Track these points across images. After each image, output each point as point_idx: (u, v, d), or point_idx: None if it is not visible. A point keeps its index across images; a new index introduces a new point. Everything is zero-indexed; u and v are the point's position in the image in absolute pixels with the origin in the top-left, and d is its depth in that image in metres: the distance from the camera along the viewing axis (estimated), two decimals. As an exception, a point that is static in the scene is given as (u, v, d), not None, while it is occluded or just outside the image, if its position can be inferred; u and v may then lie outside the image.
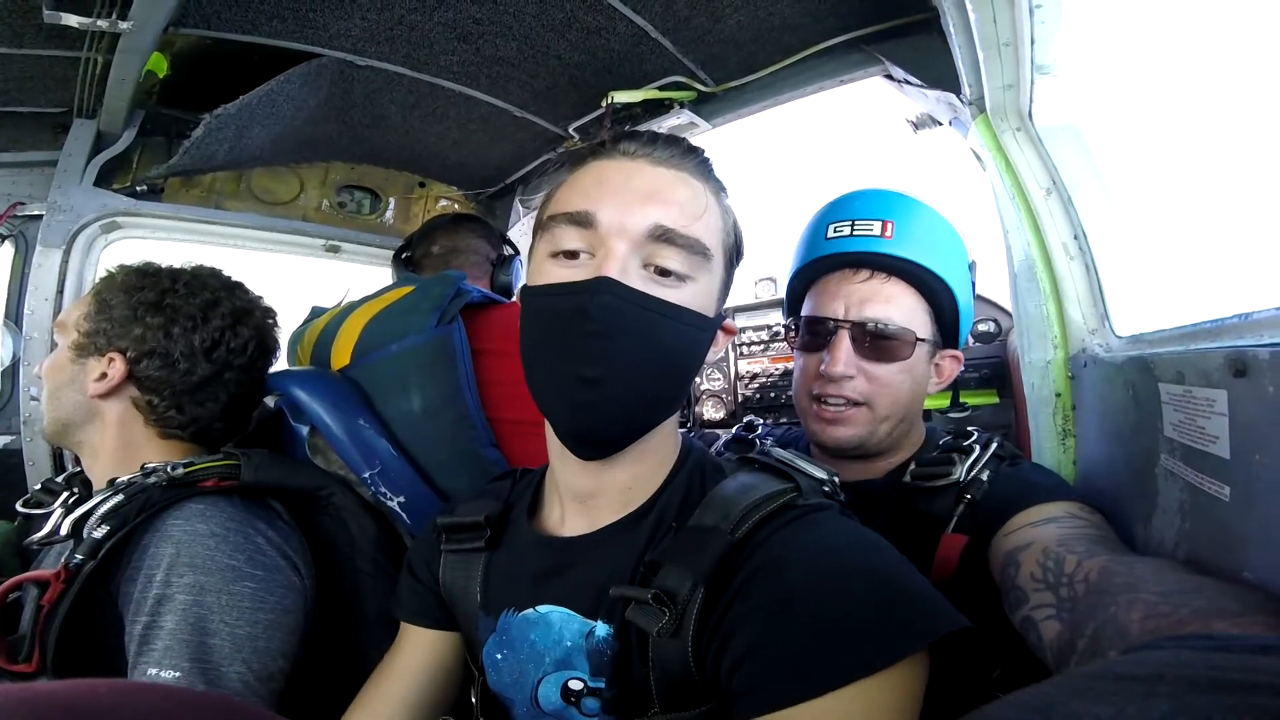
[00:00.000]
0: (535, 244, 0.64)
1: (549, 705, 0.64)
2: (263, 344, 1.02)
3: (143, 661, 0.73)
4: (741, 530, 0.56)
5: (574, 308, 0.57)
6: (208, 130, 1.36)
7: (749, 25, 1.22)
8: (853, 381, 0.87)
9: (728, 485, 0.61)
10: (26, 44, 1.21)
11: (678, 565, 0.55)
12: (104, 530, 0.77)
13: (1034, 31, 0.82)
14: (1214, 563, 0.56)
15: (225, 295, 0.98)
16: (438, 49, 1.34)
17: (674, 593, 0.53)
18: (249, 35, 1.25)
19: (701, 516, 0.59)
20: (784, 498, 0.59)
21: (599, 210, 0.58)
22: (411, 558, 0.81)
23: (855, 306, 0.88)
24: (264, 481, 0.88)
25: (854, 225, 0.90)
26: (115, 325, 0.92)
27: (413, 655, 0.75)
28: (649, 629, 0.54)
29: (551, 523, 0.71)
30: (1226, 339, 0.56)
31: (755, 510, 0.57)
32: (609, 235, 0.58)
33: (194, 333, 0.93)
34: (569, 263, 0.60)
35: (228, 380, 0.97)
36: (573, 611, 0.63)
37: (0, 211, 1.49)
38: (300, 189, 1.82)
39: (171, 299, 0.94)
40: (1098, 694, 0.28)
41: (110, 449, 0.93)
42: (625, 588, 0.58)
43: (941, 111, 1.10)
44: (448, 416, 0.95)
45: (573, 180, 0.64)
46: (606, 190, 0.60)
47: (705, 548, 0.55)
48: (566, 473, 0.67)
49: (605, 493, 0.65)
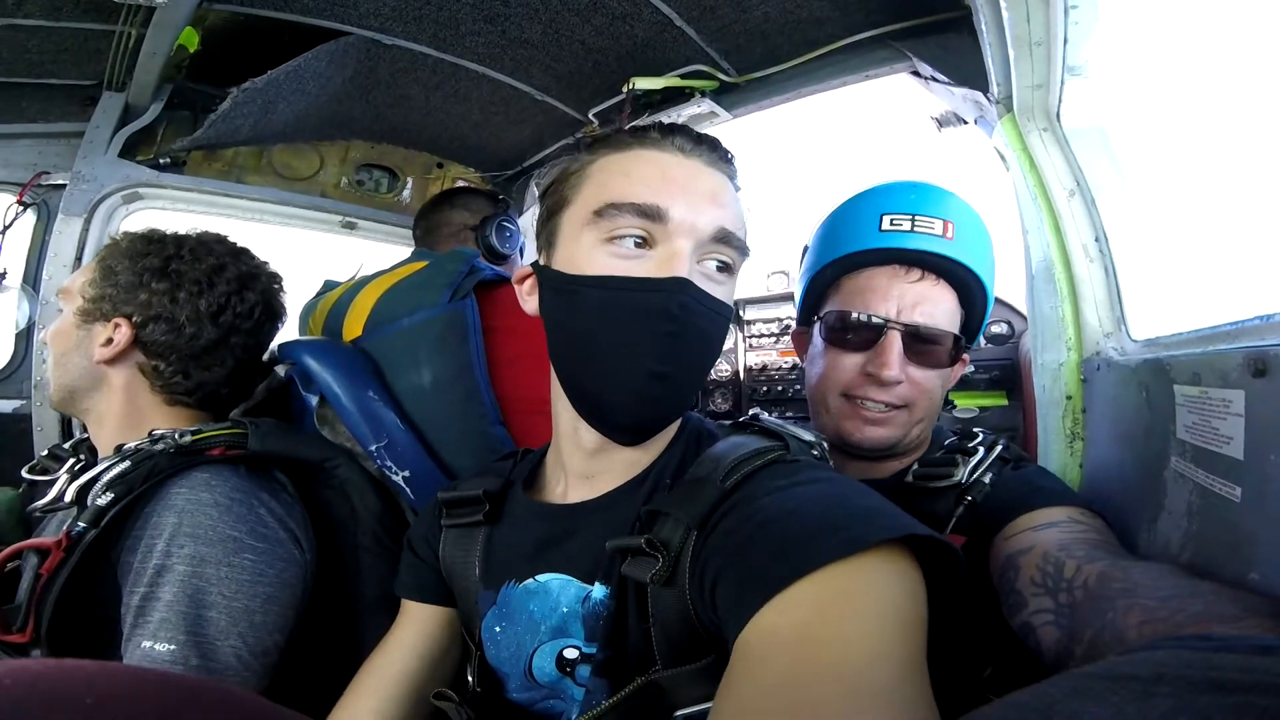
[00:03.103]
0: (579, 228, 0.62)
1: (543, 676, 0.64)
2: (269, 308, 1.01)
3: (138, 633, 0.73)
4: (731, 480, 0.57)
5: (654, 306, 0.58)
6: (234, 104, 1.37)
7: (776, 17, 1.21)
8: (900, 386, 0.85)
9: (720, 444, 0.64)
10: (64, 17, 1.23)
11: (671, 514, 0.56)
12: (108, 497, 0.76)
13: (1067, 32, 0.81)
14: (1220, 564, 0.55)
15: (231, 260, 0.98)
16: (464, 29, 1.34)
17: (667, 541, 0.55)
18: (280, 11, 1.26)
19: (695, 471, 0.61)
20: (773, 454, 0.60)
21: (671, 207, 0.59)
22: (413, 534, 0.81)
23: (908, 309, 0.86)
24: (271, 451, 0.88)
25: (915, 220, 0.86)
26: (121, 291, 0.92)
27: (412, 632, 0.76)
28: (643, 577, 0.55)
29: (553, 495, 0.72)
30: (1246, 340, 0.56)
31: (744, 463, 0.58)
32: (677, 233, 0.59)
33: (200, 297, 0.93)
34: (631, 254, 0.59)
35: (234, 345, 0.97)
36: (571, 577, 0.63)
37: (25, 181, 1.51)
38: (320, 165, 1.84)
39: (177, 264, 0.94)
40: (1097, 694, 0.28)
41: (116, 416, 0.93)
42: (619, 539, 0.58)
43: (967, 110, 1.09)
44: (457, 392, 0.95)
45: (625, 167, 0.62)
46: (674, 187, 0.60)
47: (697, 497, 0.56)
48: (575, 454, 0.67)
49: (610, 471, 0.67)
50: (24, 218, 1.54)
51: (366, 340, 1.01)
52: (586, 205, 0.62)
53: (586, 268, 0.60)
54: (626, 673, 0.57)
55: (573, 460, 0.68)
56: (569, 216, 0.64)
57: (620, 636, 0.59)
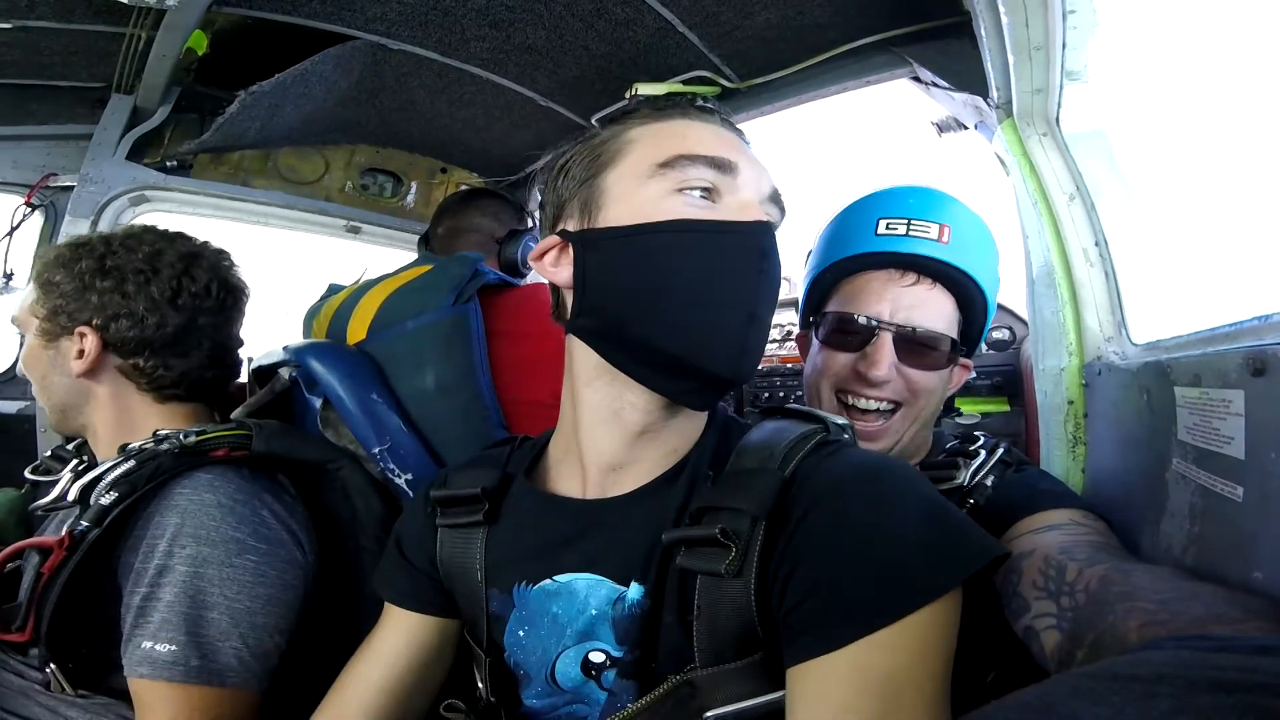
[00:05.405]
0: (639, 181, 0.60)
1: (567, 681, 0.62)
2: (226, 284, 0.99)
3: (138, 633, 0.73)
4: (789, 468, 0.56)
5: (751, 246, 0.58)
6: (242, 107, 1.38)
7: (777, 23, 1.22)
8: (890, 384, 0.86)
9: (759, 431, 0.62)
10: (75, 19, 1.24)
11: (731, 506, 0.54)
12: (112, 497, 0.76)
13: (1066, 36, 0.81)
14: (1223, 564, 0.55)
15: (166, 245, 0.96)
16: (469, 35, 1.35)
17: (736, 531, 0.53)
18: (287, 15, 1.27)
19: (741, 462, 0.59)
20: (817, 436, 0.59)
21: (739, 162, 0.60)
22: (401, 534, 0.76)
23: (903, 311, 0.86)
24: (274, 452, 0.88)
25: (910, 225, 0.87)
26: (69, 300, 0.90)
27: (396, 638, 0.71)
28: (713, 569, 0.52)
29: (565, 489, 0.67)
30: (1244, 341, 0.56)
31: (796, 449, 0.57)
32: (745, 186, 0.60)
33: (149, 285, 0.91)
34: (703, 203, 0.59)
35: (203, 326, 0.96)
36: (601, 576, 0.60)
37: (34, 182, 1.53)
38: (325, 169, 1.85)
39: (113, 259, 0.92)
40: (1098, 694, 0.28)
41: (112, 424, 0.93)
42: (682, 529, 0.56)
43: (967, 115, 1.09)
44: (461, 395, 0.96)
45: (679, 130, 0.62)
46: (737, 149, 0.62)
47: (758, 486, 0.54)
48: (608, 440, 0.63)
49: (643, 461, 0.63)
50: (32, 219, 1.56)
51: (371, 343, 1.02)
52: (645, 160, 0.60)
53: (657, 216, 0.58)
54: (655, 673, 0.56)
55: (604, 448, 0.63)
56: (618, 175, 0.61)
57: (653, 636, 0.57)
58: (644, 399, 0.60)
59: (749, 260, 0.58)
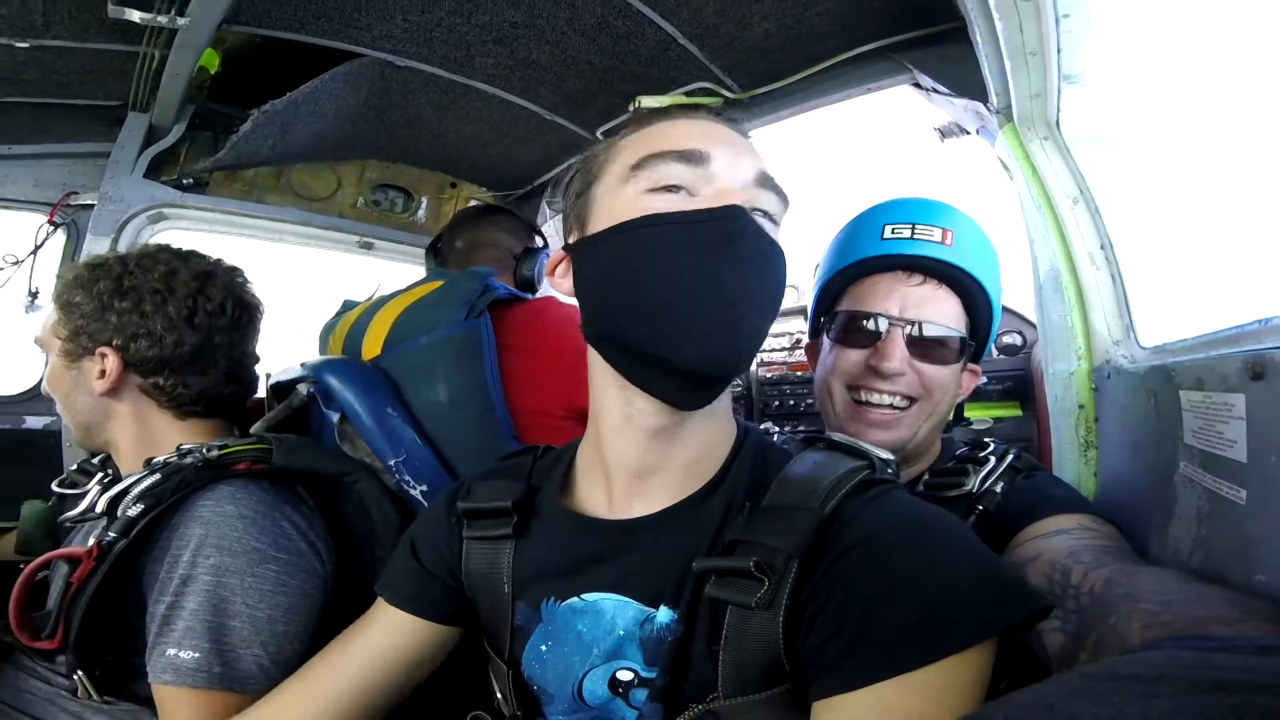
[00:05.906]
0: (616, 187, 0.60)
1: (594, 698, 0.61)
2: (240, 301, 1.01)
3: (163, 641, 0.75)
4: (829, 507, 0.54)
5: (715, 232, 0.56)
6: (255, 125, 1.41)
7: (777, 33, 1.23)
8: (904, 378, 0.87)
9: (801, 463, 0.60)
10: (90, 38, 1.27)
11: (767, 541, 0.53)
12: (138, 508, 0.78)
13: (1060, 41, 0.82)
14: (1228, 567, 0.56)
15: (180, 264, 0.97)
16: (474, 51, 1.38)
17: (770, 565, 0.52)
18: (297, 34, 1.30)
19: (780, 496, 0.57)
20: (861, 474, 0.57)
21: (713, 152, 0.58)
22: (417, 540, 0.75)
23: (912, 308, 0.88)
24: (294, 465, 0.90)
25: (915, 229, 0.90)
26: (89, 320, 0.92)
27: (386, 638, 0.70)
28: (744, 601, 0.52)
29: (593, 505, 0.66)
30: (1246, 344, 0.56)
31: (838, 487, 0.56)
32: (720, 176, 0.58)
33: (166, 304, 0.93)
34: (674, 197, 0.57)
35: (219, 344, 0.97)
36: (628, 598, 0.60)
37: (55, 201, 1.56)
38: (337, 186, 1.88)
39: (130, 280, 0.94)
40: (1098, 694, 0.28)
41: (134, 441, 0.95)
42: (715, 559, 0.55)
43: (969, 120, 1.10)
44: (473, 407, 0.97)
45: (662, 131, 0.61)
46: (712, 138, 0.60)
47: (795, 524, 0.54)
48: (627, 445, 0.62)
49: (667, 468, 0.62)
50: (54, 238, 1.59)
51: (385, 359, 1.03)
52: (624, 165, 0.60)
53: (629, 216, 0.58)
54: (683, 700, 0.56)
55: (625, 453, 0.62)
56: (602, 185, 0.62)
57: (684, 663, 0.57)
58: (650, 402, 0.59)
59: (716, 246, 0.55)
